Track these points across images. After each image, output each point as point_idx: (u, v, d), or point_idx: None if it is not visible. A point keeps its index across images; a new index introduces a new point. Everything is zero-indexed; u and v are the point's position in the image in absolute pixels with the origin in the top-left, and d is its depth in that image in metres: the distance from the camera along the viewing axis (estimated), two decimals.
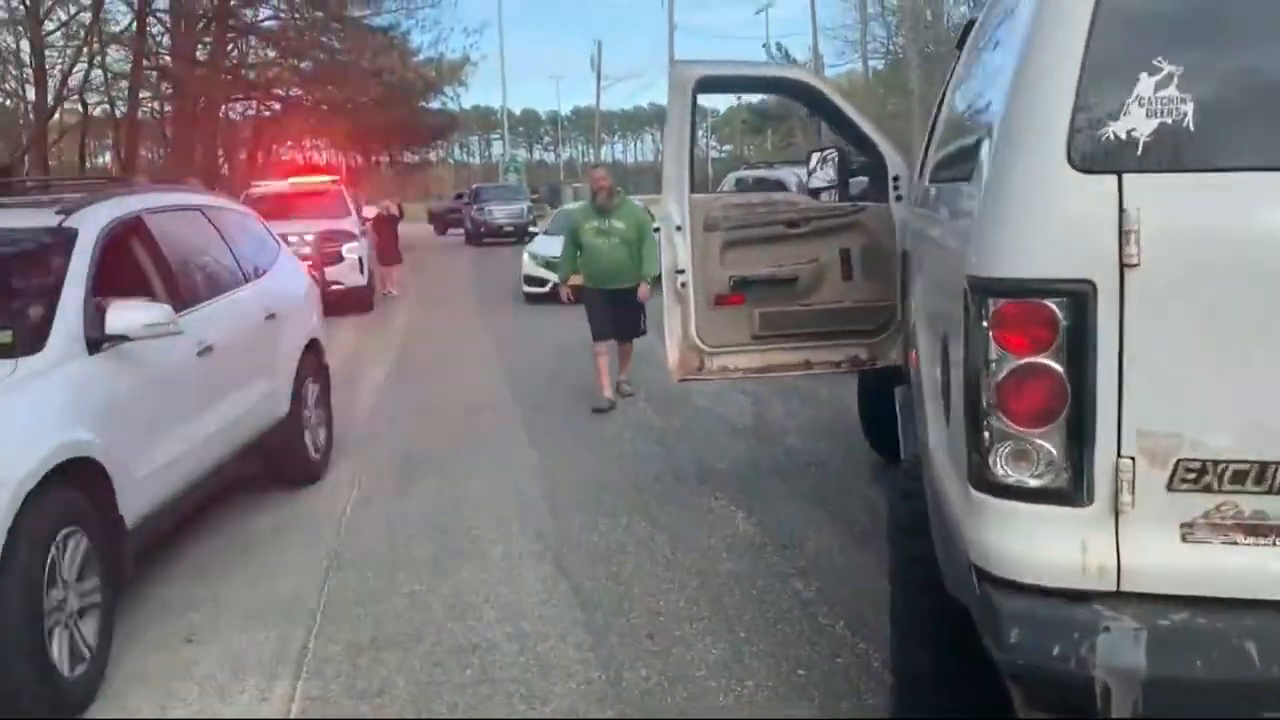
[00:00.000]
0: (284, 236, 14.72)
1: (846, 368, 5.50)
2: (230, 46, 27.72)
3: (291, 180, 17.12)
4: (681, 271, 5.28)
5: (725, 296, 5.33)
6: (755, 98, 44.75)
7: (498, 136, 78.09)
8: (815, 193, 5.58)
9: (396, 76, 29.10)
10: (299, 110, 32.76)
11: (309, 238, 14.93)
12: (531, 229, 25.02)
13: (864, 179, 5.69)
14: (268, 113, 33.74)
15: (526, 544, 5.22)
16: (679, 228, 5.30)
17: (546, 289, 14.37)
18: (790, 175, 11.92)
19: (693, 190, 5.30)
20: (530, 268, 15.79)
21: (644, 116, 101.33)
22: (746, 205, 5.43)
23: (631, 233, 8.34)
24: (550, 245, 14.33)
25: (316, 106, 31.67)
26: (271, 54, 29.20)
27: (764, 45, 41.28)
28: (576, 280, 8.76)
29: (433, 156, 63.93)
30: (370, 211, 16.91)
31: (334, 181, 17.33)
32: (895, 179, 5.31)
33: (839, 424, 7.09)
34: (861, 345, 5.43)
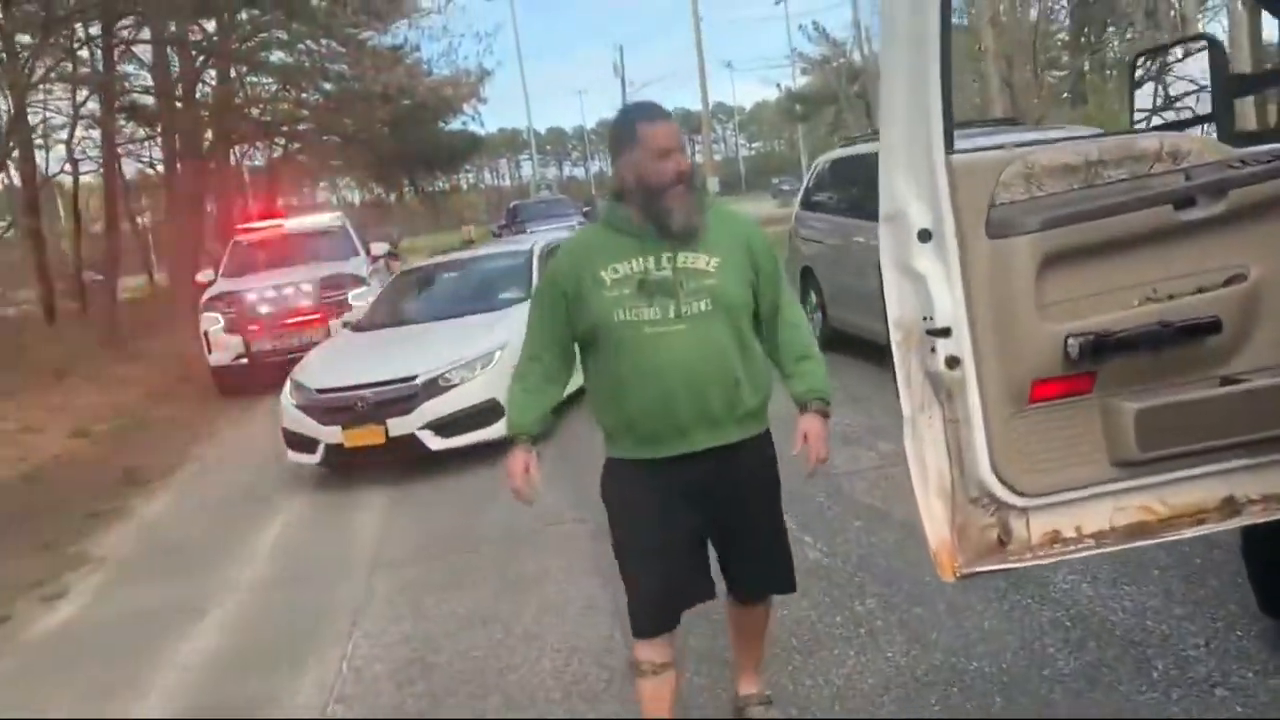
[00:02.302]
0: (278, 288, 12.47)
1: None
2: (234, 82, 25.29)
3: (282, 222, 14.41)
4: (943, 334, 2.32)
5: (1053, 381, 2.36)
6: (798, 80, 41.61)
7: (526, 157, 75.58)
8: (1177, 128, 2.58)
9: (410, 97, 26.56)
10: (313, 147, 30.40)
11: (307, 287, 12.22)
12: None
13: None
14: (279, 152, 31.44)
15: None
16: (924, 234, 2.35)
17: (316, 459, 7.52)
18: None
19: (949, 149, 2.34)
20: (290, 409, 7.77)
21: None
22: (1075, 166, 2.42)
23: (737, 285, 2.81)
24: (344, 359, 8.30)
25: (330, 140, 29.27)
26: (274, 88, 26.80)
27: (799, 26, 38.19)
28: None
29: (462, 183, 61.68)
30: (379, 249, 14.12)
31: (335, 218, 14.55)
32: None
33: None
34: None
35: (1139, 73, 2.99)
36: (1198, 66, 2.84)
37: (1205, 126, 2.77)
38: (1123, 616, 3.72)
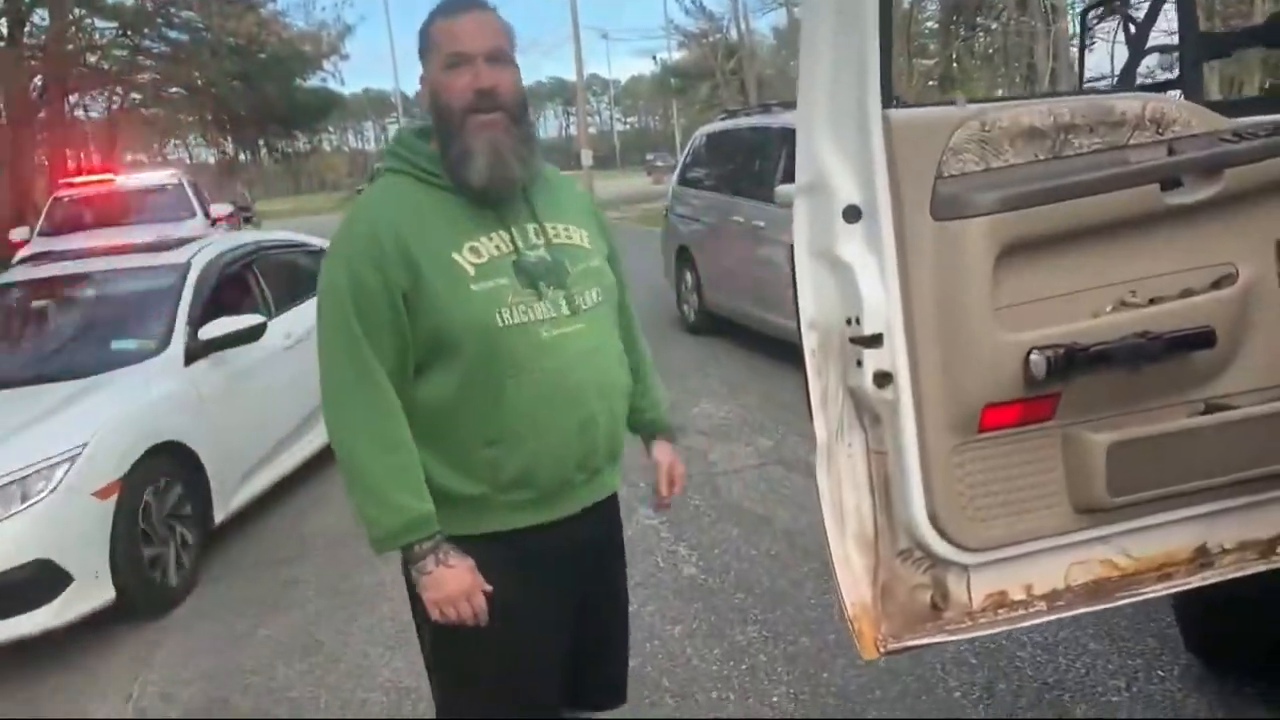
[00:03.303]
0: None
1: None
2: (67, 24, 23.21)
3: (111, 177, 13.16)
4: (872, 341, 1.79)
5: (1010, 405, 1.85)
6: (674, 55, 41.25)
7: (393, 120, 73.16)
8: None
9: (263, 50, 24.99)
10: (158, 100, 28.32)
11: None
12: None
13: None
14: (120, 104, 29.21)
15: None
16: (852, 212, 1.81)
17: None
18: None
19: (886, 103, 1.79)
20: None
21: (544, 91, 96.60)
22: (1042, 130, 1.90)
23: (612, 268, 2.11)
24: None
25: (176, 93, 27.31)
26: (113, 30, 24.82)
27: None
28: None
29: (324, 144, 59.15)
30: (221, 210, 13.03)
31: (171, 174, 13.36)
32: None
33: None
34: None
35: (1090, 32, 2.51)
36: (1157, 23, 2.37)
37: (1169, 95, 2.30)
38: (1032, 651, 3.30)
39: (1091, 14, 2.59)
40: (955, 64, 25.61)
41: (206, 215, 12.57)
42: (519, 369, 1.82)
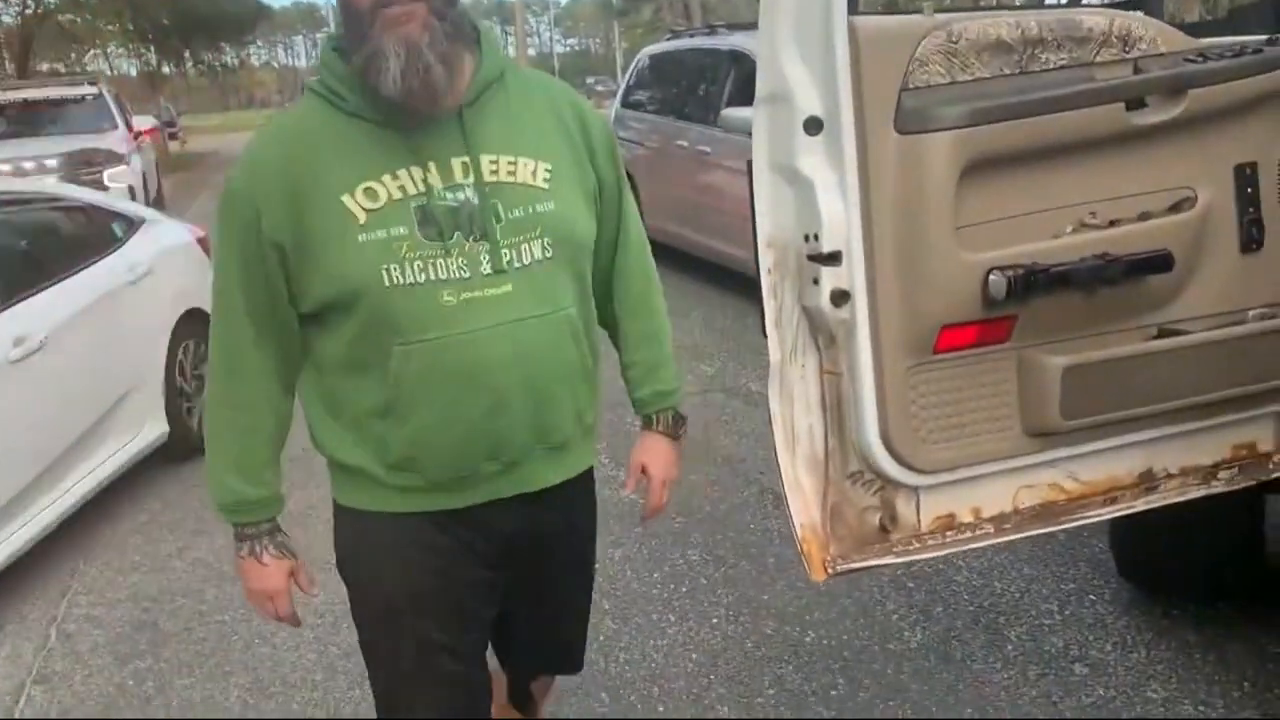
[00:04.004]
0: (18, 162, 10.84)
1: (1237, 480, 2.08)
2: None
3: (25, 85, 12.59)
4: (830, 259, 1.74)
5: (967, 326, 1.82)
6: None
7: (324, 33, 71.00)
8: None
9: None
10: (74, 4, 27.09)
11: (52, 162, 10.65)
12: None
13: None
14: (34, 9, 27.87)
15: None
16: (813, 124, 1.74)
17: None
18: (752, 43, 7.62)
19: (853, 9, 1.72)
20: None
21: (480, 10, 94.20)
22: (1009, 43, 1.84)
23: (582, 208, 1.67)
24: None
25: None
26: None
27: None
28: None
29: (252, 59, 57.25)
30: (144, 123, 12.54)
31: (92, 84, 12.79)
32: None
33: None
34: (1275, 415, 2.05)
35: None
36: None
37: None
38: (968, 575, 3.35)
39: None
40: None
41: (129, 128, 12.10)
42: (406, 337, 1.52)
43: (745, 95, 7.23)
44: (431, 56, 1.45)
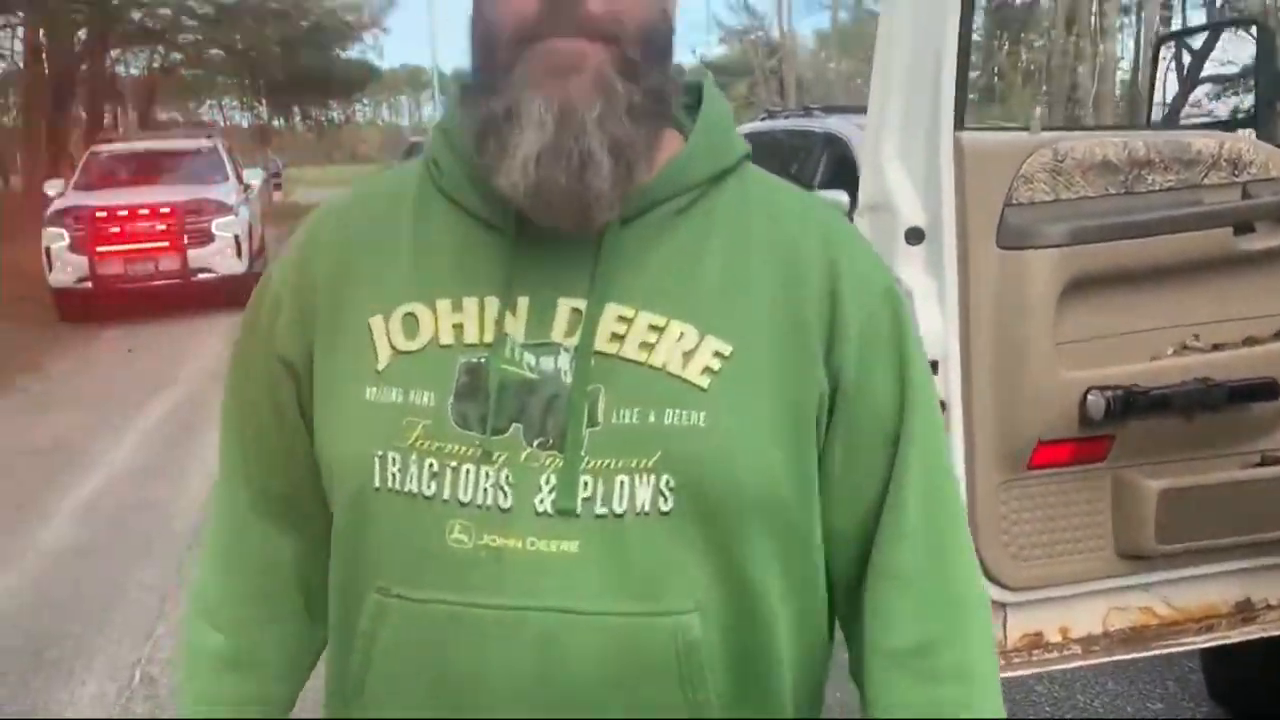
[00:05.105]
0: (132, 208, 11.36)
1: None
2: None
3: (148, 136, 13.21)
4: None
5: (1064, 443, 1.81)
6: (713, 49, 41.15)
7: (429, 96, 73.37)
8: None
9: (305, 18, 25.08)
10: (198, 60, 28.49)
11: (165, 210, 11.14)
12: None
13: None
14: (160, 62, 29.38)
15: None
16: (915, 234, 1.76)
17: None
18: (853, 130, 7.11)
19: (959, 125, 1.75)
20: None
21: None
22: (1115, 164, 1.85)
23: (768, 437, 0.87)
24: None
25: (216, 55, 27.45)
26: None
27: None
28: None
29: (360, 117, 59.48)
30: (254, 177, 13.05)
31: (208, 137, 13.38)
32: None
33: None
34: None
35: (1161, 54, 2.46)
36: (1236, 54, 2.32)
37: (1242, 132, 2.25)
38: (1049, 686, 3.25)
39: (1167, 45, 2.55)
40: (998, 78, 25.48)
41: (239, 180, 12.60)
42: (385, 582, 0.90)
43: (838, 178, 7.28)
44: (597, 141, 0.83)
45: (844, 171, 7.11)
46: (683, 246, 0.90)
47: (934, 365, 1.77)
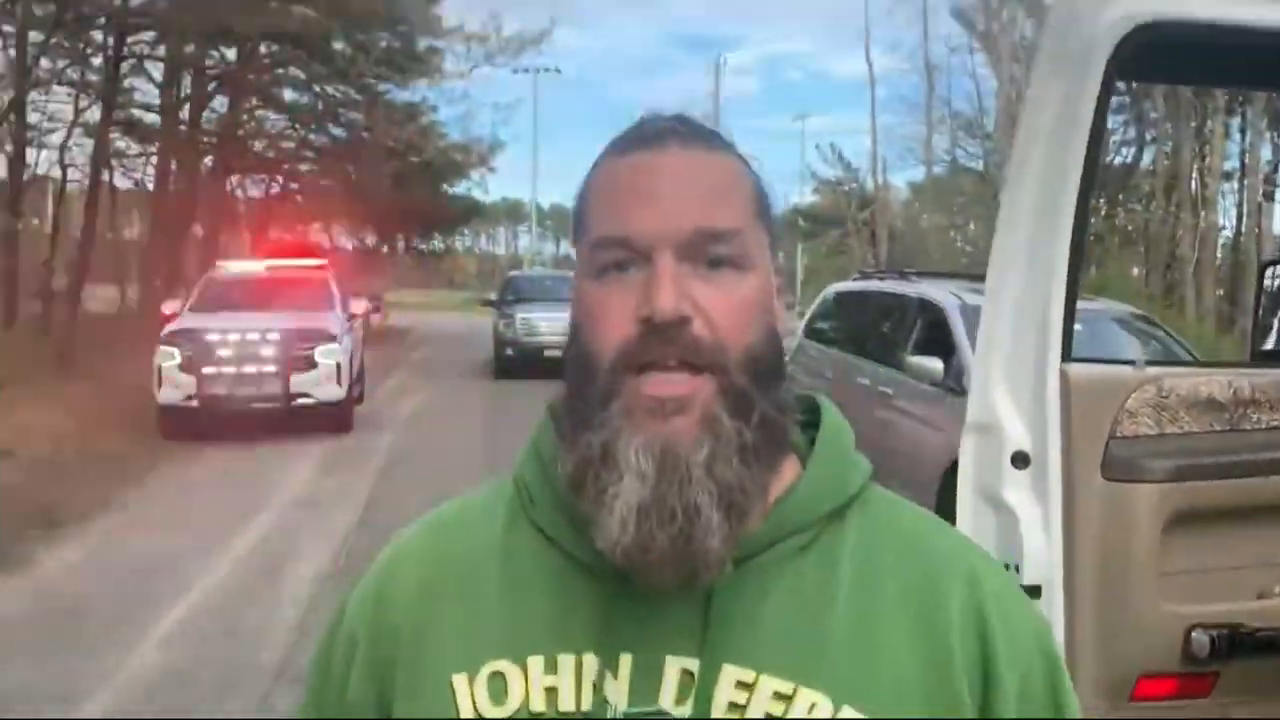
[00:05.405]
0: (242, 333, 11.85)
1: None
2: (242, 112, 24.91)
3: (267, 263, 13.85)
4: (1030, 592, 1.76)
5: (1167, 678, 1.80)
6: (806, 198, 41.97)
7: (525, 229, 75.92)
8: None
9: (418, 155, 26.33)
10: (312, 189, 30.04)
11: (274, 336, 11.61)
12: None
13: None
14: (277, 189, 31.04)
15: None
16: (1021, 459, 1.81)
17: None
18: (948, 296, 7.35)
19: (1066, 356, 1.81)
20: None
21: None
22: (1220, 402, 1.89)
23: None
24: None
25: (329, 185, 28.92)
26: (283, 124, 26.49)
27: (815, 146, 38.64)
28: None
29: (458, 245, 61.66)
30: (358, 306, 13.57)
31: (319, 266, 14.00)
32: None
33: None
34: None
35: (1267, 285, 2.49)
36: None
37: None
38: None
39: (1272, 269, 2.58)
40: (1094, 240, 25.48)
41: (345, 309, 13.11)
42: None
43: (929, 342, 7.33)
44: (704, 491, 0.76)
45: (938, 338, 7.17)
46: (805, 594, 0.81)
47: (1037, 589, 1.79)
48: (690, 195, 0.80)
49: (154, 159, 22.76)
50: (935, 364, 6.90)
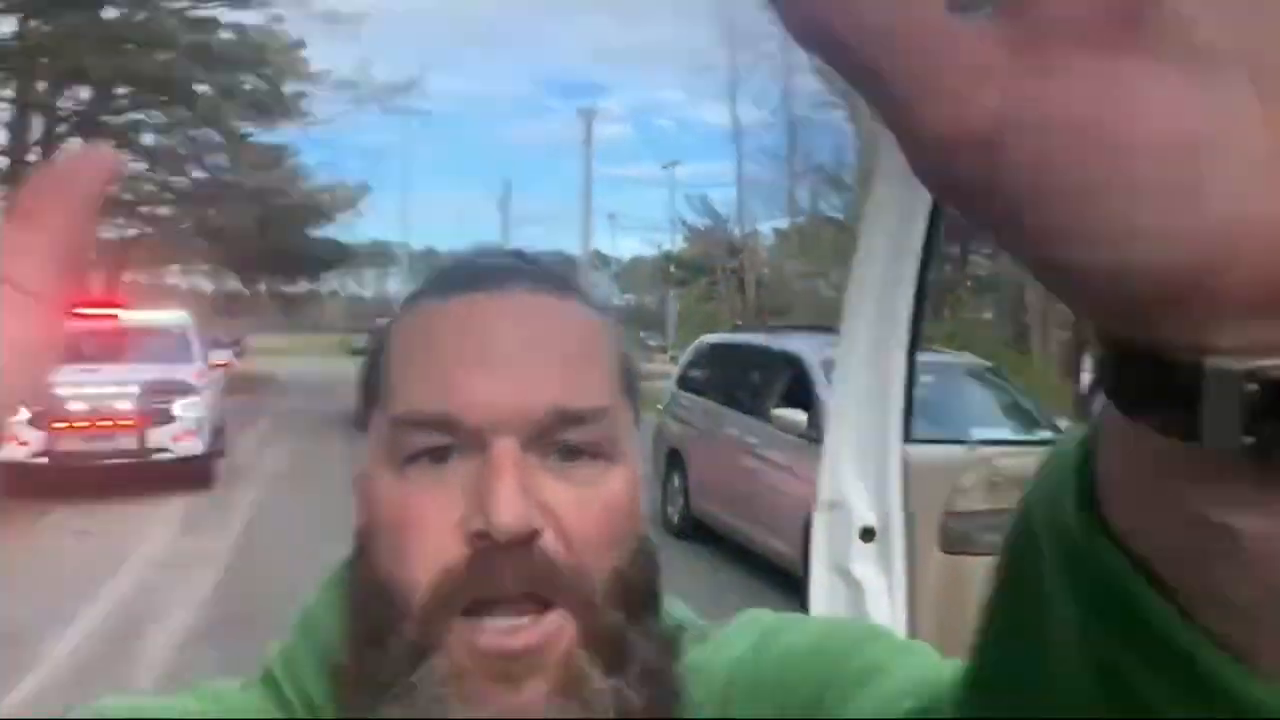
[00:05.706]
0: (96, 385, 11.33)
1: None
2: None
3: (118, 311, 13.31)
4: None
5: None
6: (678, 244, 42.75)
7: (394, 273, 74.99)
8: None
9: (284, 199, 25.88)
10: (172, 233, 29.13)
11: (131, 389, 11.21)
12: None
13: None
14: (134, 232, 29.97)
15: None
16: (868, 533, 1.97)
17: None
18: (808, 348, 7.64)
19: (907, 437, 1.97)
20: None
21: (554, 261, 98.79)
22: None
23: None
24: None
25: (191, 229, 28.11)
26: (143, 167, 25.67)
27: (685, 195, 39.48)
28: None
29: (323, 289, 60.41)
30: (219, 357, 13.20)
31: (181, 317, 13.55)
32: None
33: None
34: None
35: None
36: None
37: None
38: None
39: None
40: (946, 290, 26.76)
41: (205, 362, 12.73)
42: None
43: (793, 394, 7.60)
44: None
45: (801, 390, 7.46)
46: None
47: None
48: (543, 360, 0.56)
49: (2, 203, 21.71)
50: (799, 415, 7.16)
